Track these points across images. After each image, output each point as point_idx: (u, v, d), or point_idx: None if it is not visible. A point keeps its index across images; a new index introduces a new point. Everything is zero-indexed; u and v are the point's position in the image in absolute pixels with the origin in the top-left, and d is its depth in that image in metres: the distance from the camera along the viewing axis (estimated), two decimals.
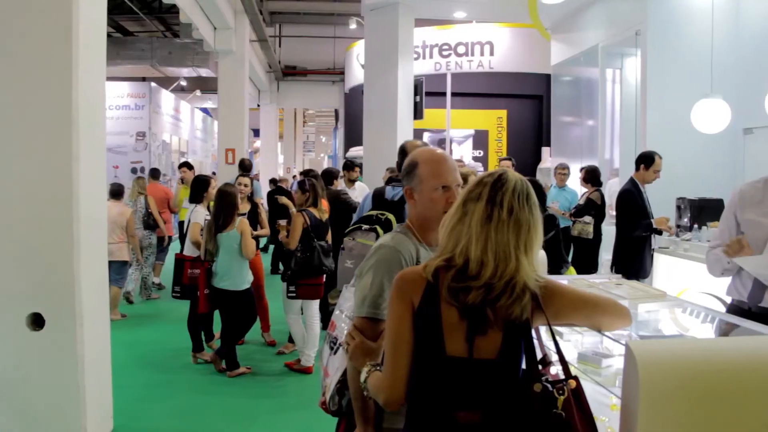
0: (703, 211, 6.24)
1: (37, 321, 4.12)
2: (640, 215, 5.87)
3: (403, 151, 3.48)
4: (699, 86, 6.80)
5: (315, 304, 6.14)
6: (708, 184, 6.70)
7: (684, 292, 5.25)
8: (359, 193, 8.61)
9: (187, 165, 9.86)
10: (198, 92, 22.92)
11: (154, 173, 11.41)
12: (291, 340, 6.60)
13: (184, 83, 21.42)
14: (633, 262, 5.80)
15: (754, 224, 3.01)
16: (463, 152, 15.90)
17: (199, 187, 6.62)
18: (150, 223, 9.16)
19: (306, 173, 6.55)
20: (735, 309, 3.11)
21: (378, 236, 3.00)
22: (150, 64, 16.36)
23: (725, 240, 3.16)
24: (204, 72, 17.00)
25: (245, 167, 10.00)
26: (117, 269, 8.05)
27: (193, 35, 12.89)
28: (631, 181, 6.04)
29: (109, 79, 14.36)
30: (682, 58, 7.39)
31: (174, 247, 9.31)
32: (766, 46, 6.83)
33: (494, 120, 16.35)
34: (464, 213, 1.85)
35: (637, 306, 2.55)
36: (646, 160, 5.95)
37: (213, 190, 6.62)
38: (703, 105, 6.61)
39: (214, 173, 15.40)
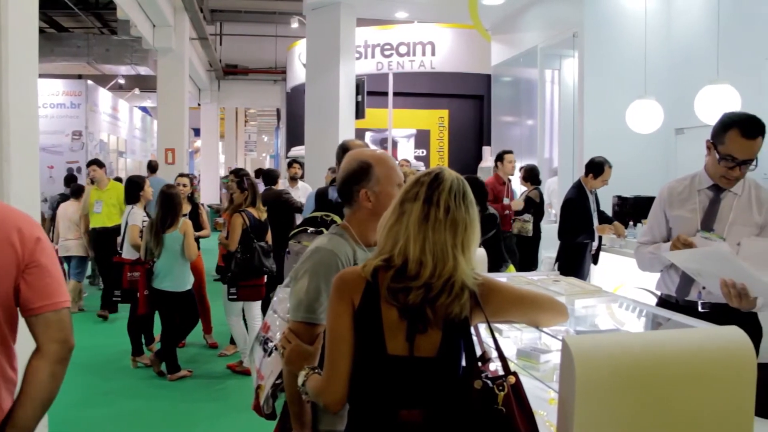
0: (638, 209, 6.42)
1: None
2: (583, 223, 6.01)
3: (345, 150, 3.41)
4: (633, 88, 6.98)
5: (257, 306, 6.08)
6: (643, 182, 6.90)
7: (620, 287, 5.39)
8: (302, 193, 8.58)
9: (96, 163, 8.87)
10: (137, 91, 22.41)
11: None
12: (233, 341, 6.53)
13: (122, 81, 20.93)
14: (573, 266, 5.94)
15: (682, 220, 3.12)
16: (406, 152, 15.96)
17: (134, 188, 6.49)
18: None
19: (236, 172, 6.46)
20: (664, 303, 3.21)
21: None
22: (86, 61, 15.89)
23: (655, 236, 3.27)
24: (143, 70, 16.61)
25: (153, 168, 10.30)
26: (76, 264, 8.54)
27: (131, 32, 12.61)
28: (577, 186, 6.16)
29: (43, 76, 13.91)
30: (617, 60, 7.58)
31: None
32: (696, 50, 7.06)
33: (436, 120, 16.46)
34: (402, 213, 1.86)
35: (574, 302, 2.61)
36: (596, 170, 6.08)
37: (149, 189, 6.55)
38: (638, 106, 6.80)
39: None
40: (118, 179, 10.02)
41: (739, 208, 3.02)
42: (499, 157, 7.89)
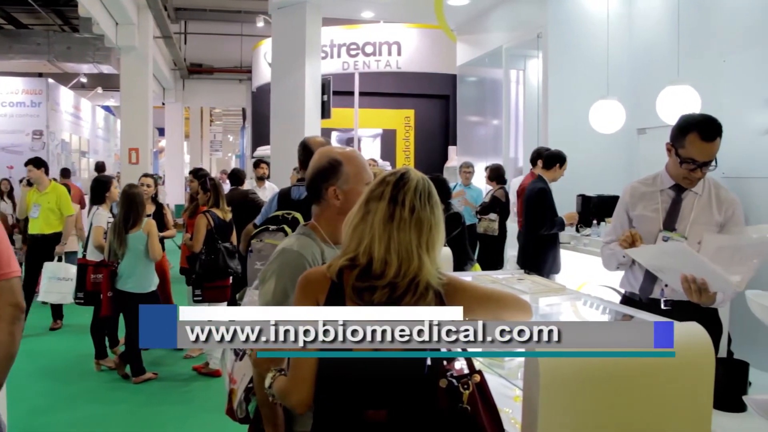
0: (601, 208, 6.50)
1: None
2: (555, 212, 6.07)
3: (306, 148, 3.38)
4: (596, 88, 7.07)
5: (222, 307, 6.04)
6: (606, 181, 6.98)
7: (584, 285, 5.45)
8: (270, 193, 8.53)
9: (34, 162, 7.72)
10: (99, 89, 22.06)
11: (65, 173, 10.98)
12: None
13: (84, 80, 20.56)
14: (547, 258, 5.97)
15: (645, 219, 3.17)
16: (371, 152, 15.97)
17: (100, 188, 6.41)
18: None
19: (195, 172, 6.37)
20: (628, 300, 3.26)
21: (286, 235, 2.95)
22: (47, 59, 15.56)
23: (619, 235, 3.31)
24: (106, 68, 16.34)
25: (99, 169, 10.31)
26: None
27: (93, 30, 12.41)
28: (542, 179, 6.21)
29: (2, 74, 13.59)
30: (580, 61, 7.67)
31: None
32: (657, 52, 7.16)
33: (402, 119, 16.50)
34: (367, 212, 1.86)
35: (538, 300, 2.64)
36: (561, 160, 6.16)
37: (116, 190, 6.47)
38: (600, 106, 6.90)
39: (118, 173, 14.93)
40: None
41: (699, 208, 3.08)
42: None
